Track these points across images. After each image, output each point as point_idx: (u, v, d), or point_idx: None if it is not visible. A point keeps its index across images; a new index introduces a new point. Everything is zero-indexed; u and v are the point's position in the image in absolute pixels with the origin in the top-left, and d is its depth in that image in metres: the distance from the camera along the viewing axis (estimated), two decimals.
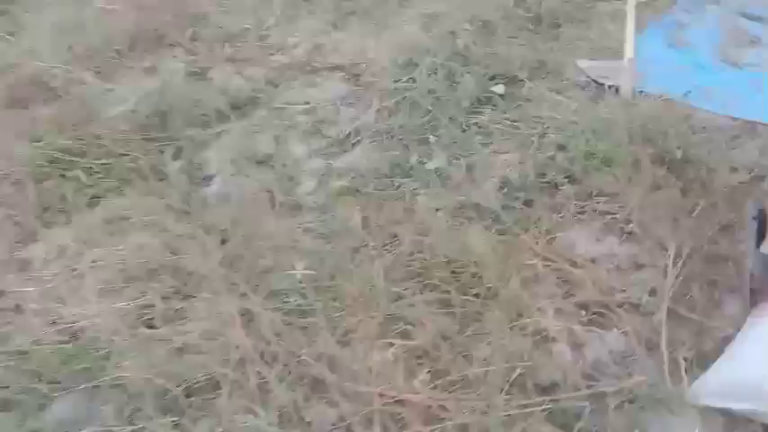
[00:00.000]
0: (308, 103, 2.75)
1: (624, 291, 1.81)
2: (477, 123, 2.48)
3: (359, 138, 2.52)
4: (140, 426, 1.58)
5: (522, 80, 2.67)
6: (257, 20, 3.37)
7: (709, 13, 3.06)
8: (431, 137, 2.44)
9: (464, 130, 2.45)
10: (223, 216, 2.16)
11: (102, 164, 2.38)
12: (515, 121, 2.47)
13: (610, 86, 2.55)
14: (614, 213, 2.03)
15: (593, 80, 2.64)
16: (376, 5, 3.39)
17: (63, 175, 2.34)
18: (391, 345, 1.69)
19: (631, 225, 1.97)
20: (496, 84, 2.65)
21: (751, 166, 2.16)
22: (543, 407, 1.55)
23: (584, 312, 1.77)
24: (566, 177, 2.17)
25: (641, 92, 2.48)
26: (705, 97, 2.52)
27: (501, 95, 2.60)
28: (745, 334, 1.61)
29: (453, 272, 1.89)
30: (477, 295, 1.82)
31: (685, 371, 1.60)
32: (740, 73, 2.69)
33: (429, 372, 1.63)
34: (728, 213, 1.97)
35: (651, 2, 3.12)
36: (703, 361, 1.62)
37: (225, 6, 3.50)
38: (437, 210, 2.11)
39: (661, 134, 2.20)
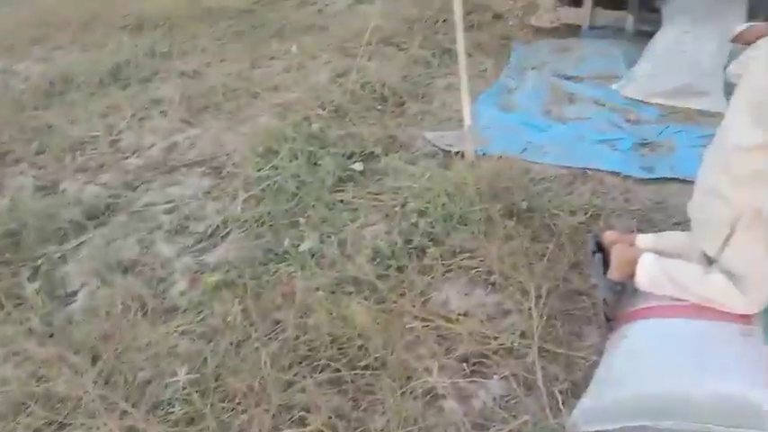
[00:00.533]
0: (170, 201, 2.73)
1: (497, 338, 1.93)
2: (342, 200, 2.59)
3: (228, 229, 2.53)
4: None
5: (377, 155, 2.84)
6: (106, 126, 3.32)
7: (530, 78, 3.46)
8: (300, 219, 2.51)
9: (331, 209, 2.54)
10: (91, 332, 2.06)
11: None
12: (378, 194, 2.61)
13: (456, 153, 2.78)
14: (477, 267, 2.18)
15: (440, 148, 2.87)
16: (227, 99, 3.48)
17: None
18: None
19: (494, 276, 2.13)
20: (355, 162, 2.80)
21: (586, 208, 2.42)
22: None
23: (465, 365, 1.86)
24: (430, 240, 2.31)
25: (483, 154, 2.72)
26: (539, 152, 2.83)
27: (360, 172, 2.75)
28: (608, 358, 1.78)
29: (340, 348, 1.93)
30: (366, 367, 1.87)
31: (562, 403, 1.73)
32: (565, 127, 3.05)
33: None
34: (574, 252, 2.19)
35: (481, 73, 3.48)
36: (577, 390, 1.76)
37: (70, 116, 3.43)
38: (316, 289, 2.14)
39: (506, 190, 2.42)
